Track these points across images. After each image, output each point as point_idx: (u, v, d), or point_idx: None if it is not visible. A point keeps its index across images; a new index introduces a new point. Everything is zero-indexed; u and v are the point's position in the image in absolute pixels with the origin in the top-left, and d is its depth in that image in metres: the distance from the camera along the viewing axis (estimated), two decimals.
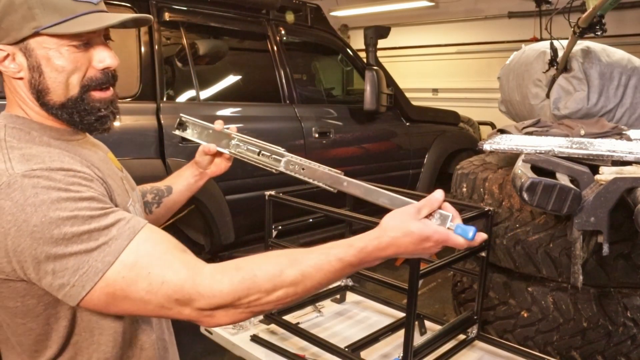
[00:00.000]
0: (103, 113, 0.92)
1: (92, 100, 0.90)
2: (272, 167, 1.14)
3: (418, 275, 1.23)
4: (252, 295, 0.81)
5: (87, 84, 0.89)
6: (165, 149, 2.56)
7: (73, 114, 0.89)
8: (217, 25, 3.01)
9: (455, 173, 2.24)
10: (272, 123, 3.10)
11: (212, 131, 1.26)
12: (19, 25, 0.83)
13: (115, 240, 0.78)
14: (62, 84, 0.87)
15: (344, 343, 1.45)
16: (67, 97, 0.88)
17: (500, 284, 1.96)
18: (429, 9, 7.18)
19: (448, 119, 4.47)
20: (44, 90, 0.87)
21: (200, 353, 2.59)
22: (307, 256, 0.84)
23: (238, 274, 0.81)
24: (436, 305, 3.33)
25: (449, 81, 7.38)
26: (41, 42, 0.84)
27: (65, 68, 0.86)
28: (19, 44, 0.84)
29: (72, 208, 0.77)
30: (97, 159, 0.94)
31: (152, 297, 0.78)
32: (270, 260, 0.84)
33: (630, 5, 5.40)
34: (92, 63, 0.89)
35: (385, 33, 3.93)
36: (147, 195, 1.25)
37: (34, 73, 0.86)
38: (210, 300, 0.79)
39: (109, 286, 0.77)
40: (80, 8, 0.85)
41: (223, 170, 1.28)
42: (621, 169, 1.47)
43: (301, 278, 0.82)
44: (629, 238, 1.69)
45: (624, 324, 1.74)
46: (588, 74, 2.12)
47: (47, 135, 0.89)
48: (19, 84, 0.88)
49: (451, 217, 0.86)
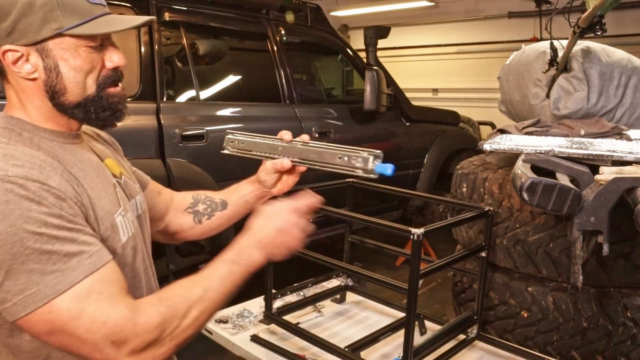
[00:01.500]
0: (118, 107, 0.95)
1: (110, 96, 0.93)
2: (351, 170, 1.07)
3: (418, 275, 1.23)
4: (174, 323, 0.84)
5: (102, 82, 0.92)
6: (165, 149, 2.56)
7: (89, 111, 0.92)
8: (217, 25, 3.01)
9: (455, 173, 2.24)
10: (272, 123, 3.10)
11: (268, 143, 1.16)
12: (39, 26, 0.84)
13: (72, 272, 0.78)
14: (80, 83, 0.89)
15: (344, 343, 1.44)
16: (84, 96, 0.90)
17: (500, 284, 1.96)
18: (429, 9, 7.18)
19: (448, 119, 4.47)
20: (61, 91, 0.88)
21: (200, 353, 2.58)
22: (203, 271, 0.91)
23: (162, 304, 0.85)
24: (436, 305, 3.33)
25: (449, 81, 7.38)
26: (59, 43, 0.86)
27: (83, 68, 0.89)
28: (36, 45, 0.85)
29: (41, 224, 0.76)
30: (87, 165, 0.93)
31: (90, 337, 0.78)
32: (180, 285, 0.89)
33: (630, 5, 5.40)
34: (104, 63, 0.92)
35: (385, 33, 3.93)
36: (198, 205, 1.24)
37: (51, 74, 0.87)
38: (144, 337, 0.81)
39: (51, 314, 0.77)
40: (97, 10, 0.88)
41: (290, 187, 1.19)
42: (621, 169, 1.47)
43: (203, 292, 0.88)
44: (629, 238, 1.69)
45: (624, 324, 1.74)
46: (588, 74, 2.12)
47: (40, 136, 0.89)
48: (29, 85, 0.88)
49: (375, 158, 0.99)
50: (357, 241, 1.86)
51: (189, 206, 1.25)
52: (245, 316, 1.71)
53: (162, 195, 1.26)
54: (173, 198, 1.28)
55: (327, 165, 1.09)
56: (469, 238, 2.11)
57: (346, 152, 1.06)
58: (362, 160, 1.04)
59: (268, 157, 1.15)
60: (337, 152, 1.07)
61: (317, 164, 1.10)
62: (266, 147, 1.16)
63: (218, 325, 1.66)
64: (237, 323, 1.66)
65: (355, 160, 1.05)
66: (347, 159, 1.06)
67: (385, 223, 1.34)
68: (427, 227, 1.25)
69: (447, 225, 1.44)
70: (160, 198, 1.25)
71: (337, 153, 1.07)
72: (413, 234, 1.20)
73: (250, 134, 1.20)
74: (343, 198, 1.82)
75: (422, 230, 1.20)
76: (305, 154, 1.11)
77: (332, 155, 1.08)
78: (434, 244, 4.17)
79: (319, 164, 1.10)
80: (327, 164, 1.09)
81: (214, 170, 2.69)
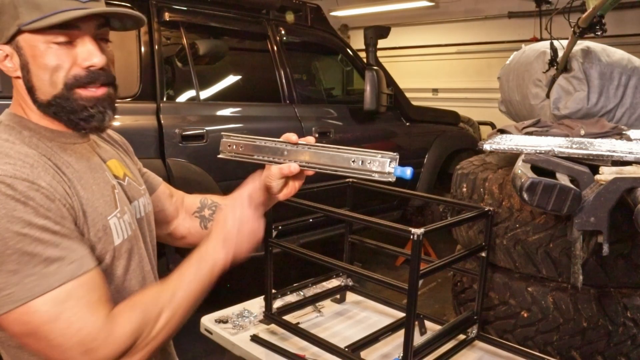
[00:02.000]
0: (89, 112, 0.90)
1: (78, 98, 0.89)
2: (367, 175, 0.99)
3: (418, 275, 1.23)
4: (146, 329, 0.85)
5: (70, 82, 0.88)
6: (165, 149, 2.56)
7: (59, 112, 0.89)
8: (217, 25, 3.01)
9: (455, 173, 2.24)
10: (272, 123, 3.10)
11: (271, 146, 1.07)
12: (8, 24, 0.85)
13: (51, 276, 0.78)
14: (46, 81, 0.87)
15: (344, 343, 1.44)
16: (52, 95, 0.88)
17: (500, 284, 1.96)
18: (429, 9, 7.18)
19: (448, 119, 4.47)
20: (32, 88, 0.88)
21: (200, 353, 2.59)
22: (171, 275, 0.92)
23: (134, 312, 0.85)
24: (436, 305, 3.33)
25: (449, 81, 7.38)
26: (28, 41, 0.86)
27: (48, 65, 0.86)
28: (11, 43, 0.87)
29: (25, 224, 0.76)
30: (84, 166, 0.92)
31: (63, 342, 0.78)
32: (150, 291, 0.91)
33: (630, 5, 5.40)
34: (77, 61, 0.88)
35: (385, 33, 3.93)
36: (205, 210, 1.23)
37: (24, 71, 0.87)
38: (117, 348, 0.81)
39: (27, 315, 0.77)
40: (63, 5, 0.84)
41: (296, 191, 1.11)
42: (621, 169, 1.47)
43: (171, 296, 0.89)
44: (629, 238, 1.69)
45: (624, 324, 1.74)
46: (588, 74, 2.12)
47: (40, 135, 0.89)
48: (18, 83, 0.90)
49: (391, 160, 0.94)
50: (357, 241, 1.86)
51: (196, 210, 1.24)
52: (245, 316, 1.71)
53: (174, 197, 1.25)
54: (183, 201, 1.26)
55: (339, 169, 1.01)
56: (469, 238, 2.11)
57: (360, 155, 0.99)
58: (378, 164, 0.97)
59: (273, 162, 1.06)
60: (350, 156, 1.00)
61: (328, 168, 1.02)
62: (269, 151, 1.07)
63: (218, 325, 1.66)
64: (237, 323, 1.66)
65: (371, 163, 0.97)
66: (361, 162, 0.98)
67: (385, 223, 1.34)
68: (427, 227, 1.25)
69: (447, 225, 1.44)
70: (170, 201, 1.24)
71: (350, 156, 1.00)
72: (413, 234, 1.20)
73: (248, 137, 1.10)
74: (343, 198, 1.82)
75: (422, 230, 1.20)
76: (315, 157, 1.03)
77: (345, 159, 1.00)
78: (434, 244, 4.17)
79: (331, 168, 1.02)
80: (339, 167, 1.01)
81: (214, 170, 2.69)
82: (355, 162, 0.99)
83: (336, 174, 1.03)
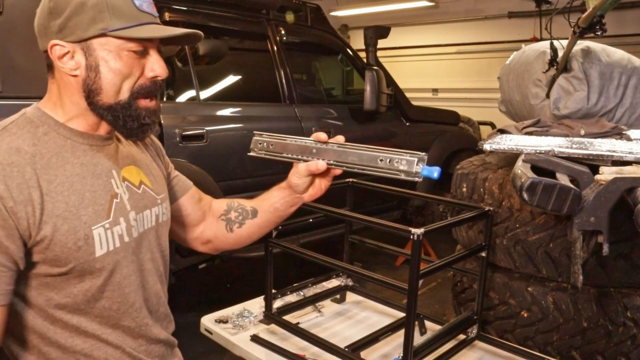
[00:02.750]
0: (146, 121, 0.95)
1: (139, 107, 0.94)
2: (394, 174, 1.00)
3: (418, 275, 1.23)
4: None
5: (136, 91, 0.93)
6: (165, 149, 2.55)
7: (118, 117, 0.93)
8: (217, 25, 3.01)
9: (455, 173, 2.24)
10: (272, 123, 3.10)
11: (300, 144, 1.08)
12: (87, 25, 0.87)
13: None
14: (115, 86, 0.91)
15: (344, 343, 1.44)
16: (117, 100, 0.92)
17: (500, 284, 1.96)
18: (429, 9, 7.18)
19: (448, 119, 4.47)
20: (97, 90, 0.90)
21: (200, 353, 2.58)
22: None
23: None
24: (436, 305, 3.33)
25: (449, 81, 7.38)
26: (104, 44, 0.88)
27: (122, 71, 0.90)
28: (82, 42, 0.88)
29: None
30: (86, 171, 0.93)
31: None
32: None
33: (630, 5, 5.40)
34: (144, 71, 0.93)
35: (385, 33, 3.93)
36: (231, 212, 1.22)
37: (91, 72, 0.89)
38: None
39: None
40: (144, 18, 0.90)
41: (323, 192, 1.11)
42: (621, 169, 1.47)
43: None
44: (629, 238, 1.69)
45: (624, 324, 1.74)
46: (588, 74, 2.12)
47: (56, 132, 0.92)
48: (70, 81, 0.91)
49: (419, 160, 0.96)
50: (357, 241, 1.86)
51: (222, 213, 1.23)
52: (245, 316, 1.71)
53: (202, 202, 1.25)
54: (211, 205, 1.26)
55: (366, 168, 1.02)
56: (469, 238, 2.11)
57: (388, 155, 1.00)
58: (406, 163, 0.98)
59: (300, 160, 1.07)
60: (378, 155, 1.01)
61: (355, 167, 1.03)
62: (298, 149, 1.08)
63: (218, 325, 1.66)
64: (237, 323, 1.66)
65: (398, 163, 0.99)
66: (389, 161, 1.00)
67: (385, 223, 1.34)
68: (427, 227, 1.25)
69: (447, 225, 1.45)
70: (199, 205, 1.24)
71: (378, 155, 1.01)
72: (413, 234, 1.20)
73: (278, 135, 1.12)
74: (343, 198, 1.82)
75: (422, 230, 1.20)
76: (343, 156, 1.04)
77: (373, 158, 1.01)
78: (434, 244, 4.17)
79: (358, 167, 1.03)
80: (366, 166, 1.02)
81: (214, 170, 2.69)
82: (382, 161, 1.01)
83: (363, 173, 1.04)
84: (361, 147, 1.03)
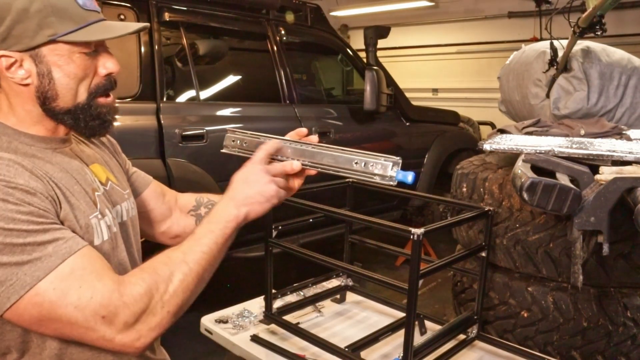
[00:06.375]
0: (107, 118, 0.95)
1: (99, 106, 0.93)
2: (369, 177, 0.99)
3: (418, 275, 1.23)
4: (160, 288, 0.83)
5: (94, 91, 0.92)
6: (165, 149, 2.56)
7: (79, 119, 0.92)
8: (217, 25, 3.01)
9: (455, 173, 2.24)
10: (272, 123, 3.10)
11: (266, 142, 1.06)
12: (34, 32, 0.84)
13: (49, 257, 0.78)
14: (72, 90, 0.89)
15: (344, 343, 1.44)
16: (75, 103, 0.91)
17: (500, 284, 1.96)
18: (429, 9, 7.19)
19: (448, 119, 4.47)
20: (53, 97, 0.89)
21: (200, 353, 2.59)
22: (185, 240, 0.93)
23: (144, 273, 0.84)
24: (436, 305, 3.33)
25: (449, 81, 7.39)
26: (54, 49, 0.86)
27: (77, 74, 0.89)
28: (30, 50, 0.86)
29: (9, 220, 0.77)
30: (64, 168, 0.93)
31: (80, 315, 0.78)
32: (161, 254, 0.90)
33: (630, 5, 5.41)
34: (98, 70, 0.92)
35: (385, 33, 3.93)
36: (201, 208, 1.23)
37: (44, 79, 0.87)
38: (134, 308, 0.80)
39: (37, 296, 0.77)
40: (90, 17, 0.88)
41: (296, 190, 1.10)
42: (621, 169, 1.47)
43: (183, 255, 0.88)
44: (629, 238, 1.69)
45: (624, 324, 1.74)
46: (588, 73, 2.12)
47: (19, 141, 0.90)
48: (21, 90, 0.89)
49: (393, 164, 0.94)
50: (357, 241, 1.86)
51: (191, 209, 1.24)
52: (245, 316, 1.70)
53: (166, 196, 1.25)
54: (177, 200, 1.26)
55: (341, 170, 1.01)
56: (469, 238, 2.11)
57: (363, 158, 0.99)
58: (380, 167, 0.97)
59: (275, 159, 1.06)
60: (353, 157, 1.00)
61: (330, 169, 1.02)
62: None
63: (218, 325, 1.66)
64: (237, 323, 1.66)
65: (373, 166, 0.98)
66: (364, 164, 0.99)
67: (385, 223, 1.34)
68: (427, 227, 1.25)
69: (447, 225, 1.44)
70: (163, 199, 1.23)
71: (353, 158, 1.00)
72: (413, 234, 1.19)
73: (253, 133, 1.12)
74: (343, 198, 1.82)
75: (422, 230, 1.20)
76: (318, 157, 1.03)
77: (348, 160, 1.01)
78: (434, 244, 4.17)
79: (333, 169, 1.02)
80: (341, 168, 1.01)
81: (214, 170, 2.69)
82: (357, 163, 1.00)
83: (337, 175, 1.03)
84: (337, 149, 1.03)
